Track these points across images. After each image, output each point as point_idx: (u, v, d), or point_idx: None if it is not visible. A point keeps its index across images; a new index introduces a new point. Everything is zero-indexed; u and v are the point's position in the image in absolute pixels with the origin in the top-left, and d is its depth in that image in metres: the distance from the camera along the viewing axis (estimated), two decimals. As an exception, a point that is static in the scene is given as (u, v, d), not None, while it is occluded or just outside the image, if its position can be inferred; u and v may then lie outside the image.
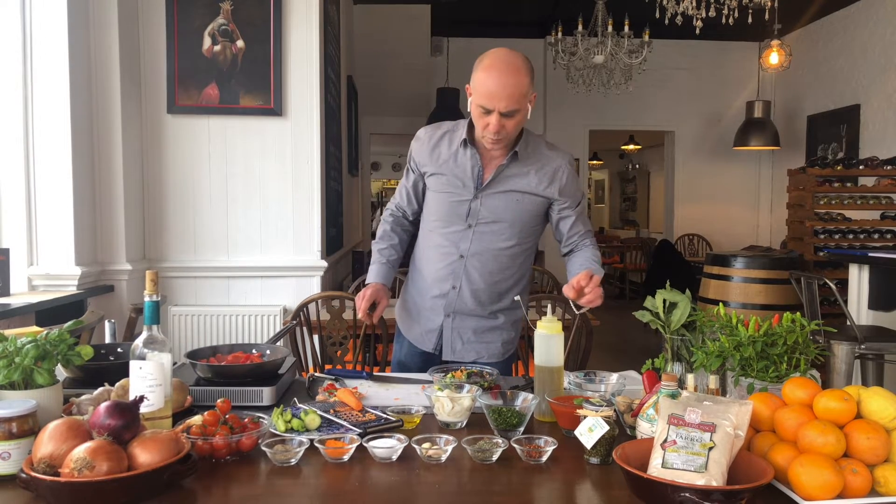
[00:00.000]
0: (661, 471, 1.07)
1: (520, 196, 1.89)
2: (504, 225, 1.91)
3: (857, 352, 3.49)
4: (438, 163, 1.92)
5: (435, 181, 1.94)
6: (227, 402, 1.36)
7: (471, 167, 1.88)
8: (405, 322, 2.11)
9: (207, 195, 3.56)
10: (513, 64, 1.74)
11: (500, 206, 1.89)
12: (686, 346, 1.50)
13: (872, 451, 1.10)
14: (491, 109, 1.73)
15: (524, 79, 1.74)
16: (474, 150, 1.88)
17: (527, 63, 1.78)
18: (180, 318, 3.54)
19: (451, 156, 1.90)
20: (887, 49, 6.48)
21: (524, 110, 1.77)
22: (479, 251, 1.93)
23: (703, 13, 4.80)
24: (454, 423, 1.47)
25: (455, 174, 1.90)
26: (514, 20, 8.15)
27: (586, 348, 2.65)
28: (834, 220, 5.42)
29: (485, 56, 1.77)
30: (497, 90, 1.71)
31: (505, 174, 1.88)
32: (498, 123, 1.74)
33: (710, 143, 8.80)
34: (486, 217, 1.90)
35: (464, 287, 1.96)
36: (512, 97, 1.72)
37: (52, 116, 2.99)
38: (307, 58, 3.55)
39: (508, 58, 1.75)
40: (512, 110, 1.73)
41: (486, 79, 1.72)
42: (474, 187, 1.89)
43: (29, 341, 1.29)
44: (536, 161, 1.90)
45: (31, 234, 3.03)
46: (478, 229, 1.91)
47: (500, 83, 1.71)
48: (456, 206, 1.91)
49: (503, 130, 1.76)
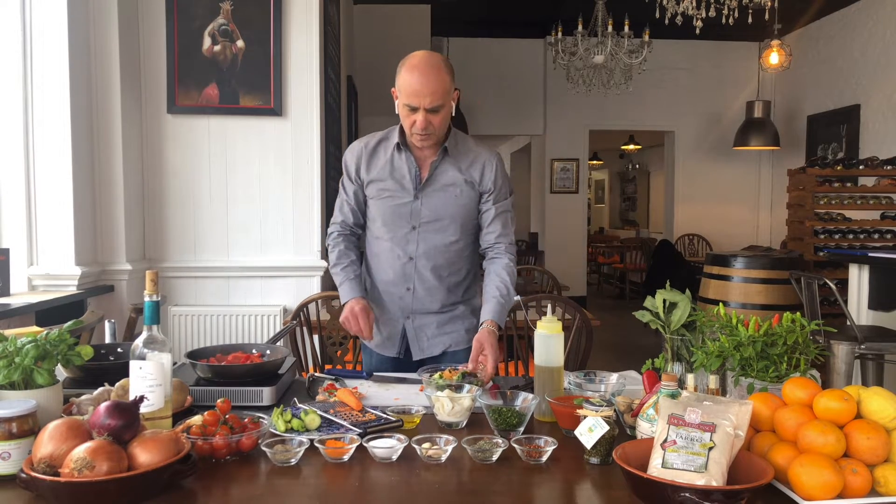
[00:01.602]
0: (661, 471, 1.07)
1: (457, 190, 1.97)
2: (446, 222, 1.98)
3: (857, 352, 3.49)
4: (376, 170, 1.98)
5: (375, 188, 1.99)
6: (227, 402, 1.36)
7: (407, 169, 1.96)
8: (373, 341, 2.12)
9: (207, 195, 3.56)
10: (433, 63, 1.83)
11: (440, 204, 1.96)
12: (686, 346, 1.50)
13: (872, 451, 1.10)
14: (416, 107, 1.82)
15: (445, 76, 1.83)
16: (409, 153, 1.96)
17: (446, 62, 1.87)
18: (180, 318, 3.54)
19: (388, 161, 1.97)
20: (887, 49, 6.48)
21: (448, 106, 1.86)
22: (427, 250, 1.99)
23: (703, 13, 4.80)
24: (454, 423, 1.47)
25: (394, 178, 1.97)
26: (514, 20, 8.15)
27: (586, 348, 2.65)
28: (834, 220, 5.42)
29: (406, 58, 1.86)
30: (420, 88, 1.80)
31: (439, 170, 1.96)
32: (424, 120, 1.83)
33: (710, 143, 8.80)
34: (428, 216, 1.96)
35: (417, 287, 2.01)
36: (436, 93, 1.80)
37: (52, 116, 2.99)
38: (307, 58, 3.55)
39: (429, 58, 1.84)
40: (436, 106, 1.82)
41: (410, 78, 1.81)
42: (413, 188, 1.96)
43: (29, 341, 1.29)
44: (466, 155, 1.98)
45: (31, 234, 3.03)
46: (422, 230, 1.97)
47: (422, 81, 1.80)
48: (398, 209, 1.97)
49: (430, 126, 1.85)
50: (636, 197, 14.68)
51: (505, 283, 1.95)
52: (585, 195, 9.12)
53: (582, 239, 9.03)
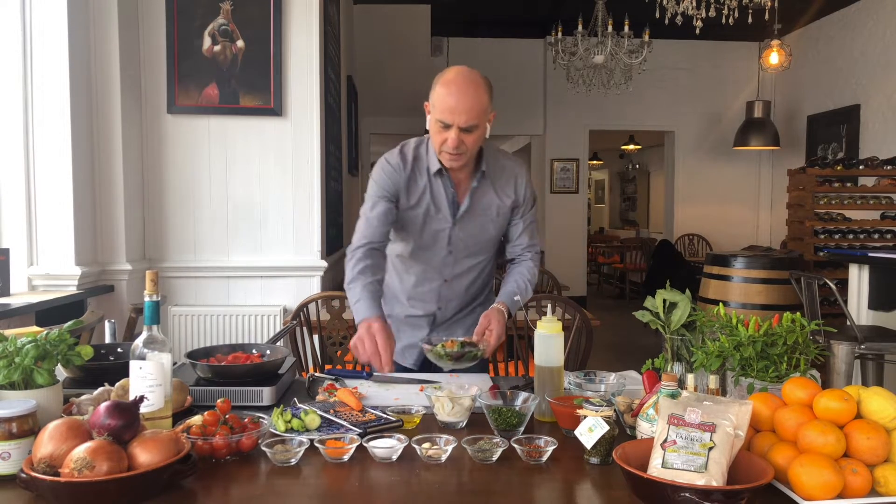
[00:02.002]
0: (661, 471, 1.07)
1: (493, 214, 1.94)
2: (481, 245, 1.98)
3: (857, 352, 3.48)
4: (415, 197, 1.89)
5: (412, 212, 1.91)
6: (227, 402, 1.36)
7: (445, 196, 1.89)
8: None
9: (207, 195, 3.56)
10: (473, 80, 1.74)
11: (477, 229, 1.94)
12: (686, 346, 1.49)
13: (872, 451, 1.10)
14: (450, 124, 1.72)
15: (483, 94, 1.74)
16: (446, 178, 1.88)
17: (486, 81, 1.77)
18: (180, 318, 3.54)
19: (426, 188, 1.89)
20: (887, 49, 6.48)
21: (483, 127, 1.77)
22: (460, 272, 1.99)
23: (703, 13, 4.80)
24: (454, 423, 1.47)
25: (433, 205, 1.90)
26: (514, 20, 8.16)
27: (586, 348, 2.65)
28: (834, 220, 5.42)
29: (445, 72, 1.78)
30: (457, 105, 1.70)
31: (477, 195, 1.91)
32: (457, 138, 1.73)
33: (710, 143, 8.80)
34: (464, 240, 1.94)
35: (446, 305, 2.03)
36: (472, 111, 1.71)
37: (52, 116, 2.99)
38: (307, 58, 3.55)
39: (468, 74, 1.75)
40: (471, 125, 1.72)
41: (446, 94, 1.72)
42: (452, 215, 1.90)
43: (29, 341, 1.29)
44: (499, 174, 1.93)
45: (31, 234, 3.03)
46: (457, 254, 1.96)
47: (459, 98, 1.70)
48: (436, 236, 1.93)
49: (462, 146, 1.75)
50: (636, 197, 14.68)
51: (525, 281, 1.96)
52: (585, 195, 9.12)
53: (582, 239, 9.03)
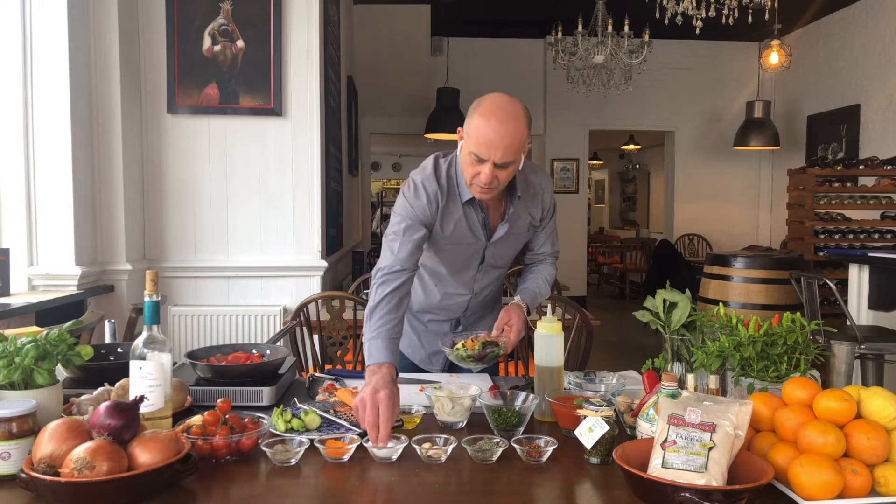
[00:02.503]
0: (661, 471, 1.07)
1: (523, 232, 1.94)
2: (509, 258, 1.99)
3: (857, 352, 3.48)
4: (452, 222, 1.81)
5: (446, 238, 1.85)
6: (227, 402, 1.36)
7: (479, 222, 1.83)
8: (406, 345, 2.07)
9: (207, 195, 3.56)
10: (513, 112, 1.61)
11: (509, 247, 1.94)
12: (686, 346, 1.50)
13: (872, 451, 1.10)
14: (485, 159, 1.60)
15: (523, 129, 1.62)
16: (478, 206, 1.81)
17: (526, 112, 1.65)
18: (180, 318, 3.54)
19: (462, 217, 1.81)
20: (887, 49, 6.48)
21: (518, 161, 1.66)
22: (487, 283, 2.00)
23: (703, 13, 4.80)
24: (454, 423, 1.47)
25: (468, 231, 1.84)
26: (514, 20, 8.15)
27: (586, 348, 2.65)
28: (834, 220, 5.42)
29: (483, 100, 1.65)
30: (495, 139, 1.58)
31: (512, 219, 1.86)
32: (491, 174, 1.62)
33: (710, 143, 8.80)
34: (495, 257, 1.94)
35: (471, 313, 2.06)
36: (509, 148, 1.59)
37: (52, 116, 2.99)
38: (307, 58, 3.55)
39: (510, 107, 1.62)
40: (507, 161, 1.61)
41: (485, 126, 1.58)
42: (486, 238, 1.86)
43: (29, 341, 1.29)
44: (529, 193, 1.87)
45: (31, 234, 3.03)
46: (488, 269, 1.96)
47: (498, 132, 1.57)
48: (470, 256, 1.90)
49: (495, 181, 1.64)
50: (636, 197, 14.68)
51: (544, 281, 1.97)
52: (585, 195, 9.12)
53: (582, 239, 9.03)
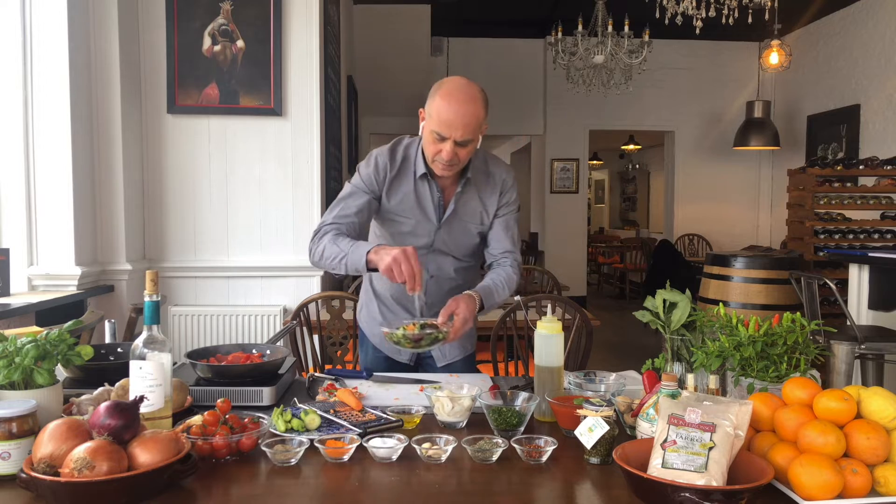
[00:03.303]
0: (661, 471, 1.07)
1: (477, 220, 1.95)
2: (463, 250, 1.98)
3: (857, 352, 3.48)
4: (398, 198, 1.91)
5: (395, 211, 1.92)
6: (227, 402, 1.36)
7: (431, 199, 1.90)
8: (376, 334, 2.11)
9: (207, 195, 3.56)
10: (471, 94, 1.75)
11: (459, 233, 1.95)
12: (686, 346, 1.50)
13: (872, 451, 1.10)
14: (446, 137, 1.73)
15: (481, 110, 1.76)
16: (433, 182, 1.89)
17: (483, 94, 1.79)
18: (180, 318, 3.54)
19: (412, 191, 1.90)
20: (887, 49, 6.48)
21: (477, 140, 1.79)
22: (446, 274, 1.99)
23: (703, 13, 4.80)
24: (454, 423, 1.47)
25: (418, 208, 1.91)
26: (514, 20, 8.16)
27: (586, 348, 2.65)
28: (834, 220, 5.42)
29: (444, 83, 1.78)
30: (455, 119, 1.71)
31: (462, 201, 1.92)
32: (451, 152, 1.75)
33: (710, 143, 8.80)
34: (447, 243, 1.95)
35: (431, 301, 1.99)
36: (468, 127, 1.73)
37: (52, 116, 3.00)
38: (307, 58, 3.55)
39: (468, 88, 1.76)
40: (467, 139, 1.74)
41: (445, 106, 1.72)
42: (437, 219, 1.92)
43: (29, 341, 1.29)
44: (485, 180, 1.94)
45: (31, 234, 3.03)
46: (440, 253, 1.96)
47: (458, 111, 1.71)
48: (419, 234, 1.94)
49: (455, 158, 1.77)
50: (636, 197, 14.68)
51: (502, 280, 1.94)
52: (585, 195, 9.12)
53: (582, 239, 9.03)
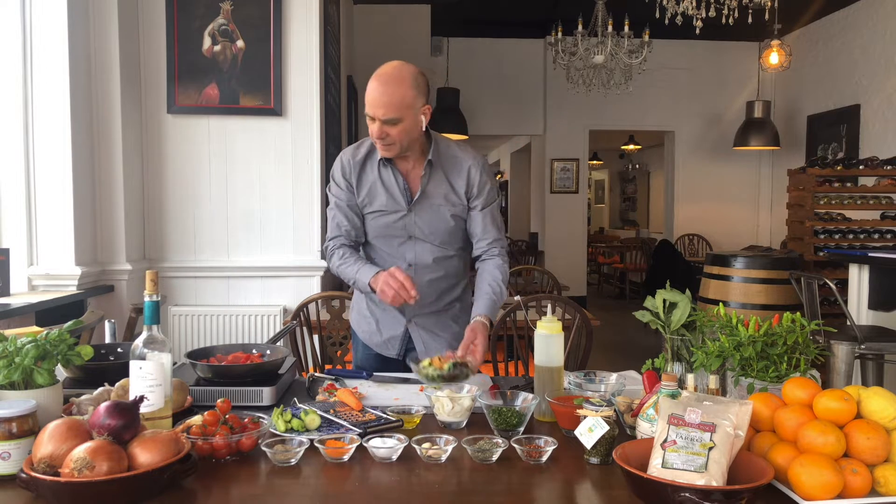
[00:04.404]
0: (661, 471, 1.07)
1: (448, 204, 1.96)
2: (442, 237, 1.99)
3: (857, 352, 3.48)
4: (366, 187, 1.97)
5: (368, 203, 1.98)
6: (227, 402, 1.36)
7: (396, 183, 1.95)
8: (364, 330, 2.13)
9: (207, 195, 3.56)
10: (396, 75, 1.81)
11: (434, 218, 1.97)
12: (686, 346, 1.50)
13: (872, 451, 1.10)
14: (373, 117, 1.81)
15: (407, 90, 1.80)
16: (394, 168, 1.95)
17: (415, 76, 1.83)
18: (180, 318, 3.54)
19: (377, 178, 1.96)
20: (887, 49, 6.48)
21: (410, 120, 1.83)
22: (424, 258, 2.00)
23: (703, 13, 4.80)
24: (454, 423, 1.47)
25: (385, 193, 1.96)
26: (514, 20, 8.15)
27: (586, 348, 2.65)
28: (834, 220, 5.42)
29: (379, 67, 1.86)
30: (377, 98, 1.79)
31: (430, 185, 1.94)
32: (380, 130, 1.82)
33: (710, 143, 8.80)
34: (423, 228, 1.97)
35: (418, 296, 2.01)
36: (390, 105, 1.78)
37: (52, 116, 2.99)
38: (307, 58, 3.55)
39: (392, 70, 1.83)
40: (391, 118, 1.80)
41: (370, 89, 1.81)
42: (406, 202, 1.95)
43: (29, 341, 1.29)
44: (451, 164, 1.97)
45: (31, 234, 3.03)
46: (418, 240, 1.98)
47: (380, 91, 1.79)
48: (393, 224, 1.97)
49: (387, 137, 1.83)
50: (636, 197, 14.68)
51: (497, 282, 1.96)
52: (585, 195, 9.12)
53: (582, 239, 9.03)
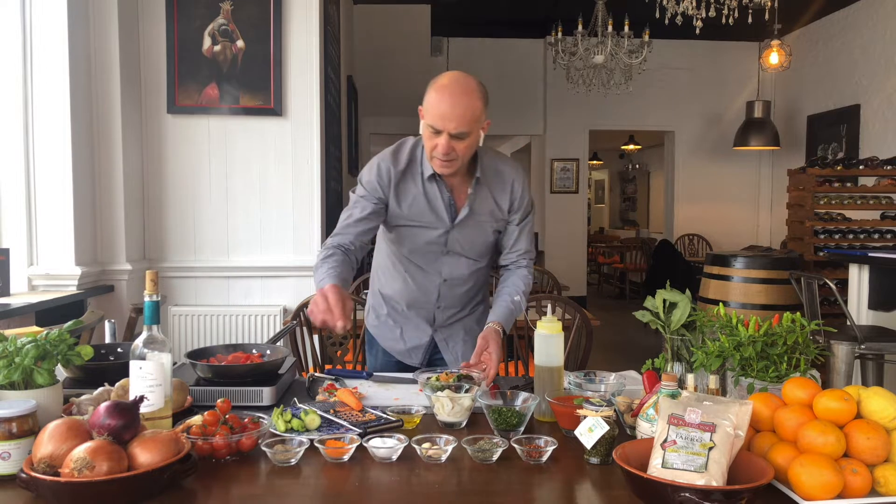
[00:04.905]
0: (661, 471, 1.07)
1: (491, 220, 1.93)
2: (478, 250, 1.97)
3: (857, 352, 3.48)
4: (407, 202, 1.87)
5: (406, 215, 1.89)
6: (227, 402, 1.36)
7: (442, 201, 1.87)
8: (386, 338, 2.11)
9: (207, 195, 3.56)
10: (466, 86, 1.72)
11: (474, 235, 1.93)
12: (686, 346, 1.50)
13: (872, 451, 1.10)
14: (441, 130, 1.70)
15: (477, 102, 1.72)
16: (441, 183, 1.86)
17: (481, 87, 1.75)
18: (180, 318, 3.54)
19: (420, 194, 1.86)
20: (887, 49, 6.48)
21: (476, 134, 1.75)
22: (459, 275, 1.98)
23: (703, 13, 4.80)
24: (454, 423, 1.47)
25: (429, 211, 1.87)
26: (514, 20, 8.15)
27: (586, 348, 2.65)
28: (834, 220, 5.42)
29: (439, 77, 1.76)
30: (448, 111, 1.68)
31: (475, 203, 1.88)
32: (447, 145, 1.71)
33: (710, 143, 8.80)
34: (460, 244, 1.93)
35: (445, 304, 2.03)
36: (462, 118, 1.69)
37: (52, 116, 2.99)
38: (307, 58, 3.55)
39: (462, 80, 1.73)
40: (462, 132, 1.70)
41: (438, 99, 1.70)
42: (450, 220, 1.88)
43: (29, 341, 1.29)
44: (497, 180, 1.90)
45: (31, 234, 3.03)
46: (455, 255, 1.95)
47: (451, 104, 1.69)
48: (431, 240, 1.92)
49: (452, 152, 1.73)
50: (636, 197, 14.68)
51: (519, 293, 1.95)
52: (585, 195, 9.12)
53: (582, 239, 9.03)
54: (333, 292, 1.58)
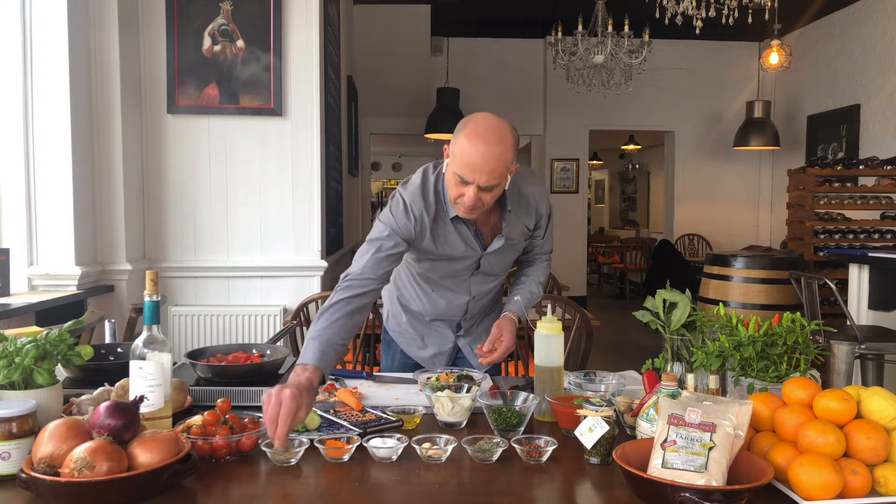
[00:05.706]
0: (661, 471, 1.07)
1: (521, 242, 1.94)
2: (504, 265, 1.99)
3: (857, 352, 3.48)
4: (443, 239, 1.80)
5: (437, 252, 1.83)
6: (227, 402, 1.36)
7: (473, 236, 1.82)
8: (408, 343, 2.12)
9: (207, 195, 3.56)
10: (500, 134, 1.57)
11: (505, 256, 1.93)
12: (686, 346, 1.50)
13: (872, 451, 1.10)
14: (469, 181, 1.58)
15: (509, 152, 1.58)
16: (469, 222, 1.79)
17: (513, 134, 1.61)
18: (180, 318, 3.54)
19: (453, 230, 1.79)
20: (887, 49, 6.48)
21: (504, 182, 1.64)
22: (485, 290, 2.00)
23: (703, 13, 4.80)
24: (454, 423, 1.47)
25: (462, 243, 1.82)
26: (514, 20, 8.15)
27: (586, 348, 2.65)
28: (834, 220, 5.42)
29: (470, 121, 1.61)
30: (480, 163, 1.55)
31: (505, 232, 1.84)
32: (475, 197, 1.60)
33: (710, 143, 8.80)
34: (493, 266, 1.93)
35: (471, 315, 2.06)
36: (494, 171, 1.57)
37: (52, 117, 2.99)
38: (307, 57, 3.55)
39: (496, 126, 1.58)
40: (492, 185, 1.59)
41: (470, 148, 1.55)
42: (480, 247, 1.84)
43: (29, 341, 1.29)
44: (521, 206, 1.84)
45: (31, 234, 3.03)
46: (482, 274, 1.95)
47: (484, 156, 1.54)
48: (463, 267, 1.90)
49: (479, 203, 1.62)
50: (636, 197, 14.68)
51: (538, 285, 2.00)
52: (585, 195, 9.12)
53: (582, 239, 9.03)
54: (290, 402, 1.26)
